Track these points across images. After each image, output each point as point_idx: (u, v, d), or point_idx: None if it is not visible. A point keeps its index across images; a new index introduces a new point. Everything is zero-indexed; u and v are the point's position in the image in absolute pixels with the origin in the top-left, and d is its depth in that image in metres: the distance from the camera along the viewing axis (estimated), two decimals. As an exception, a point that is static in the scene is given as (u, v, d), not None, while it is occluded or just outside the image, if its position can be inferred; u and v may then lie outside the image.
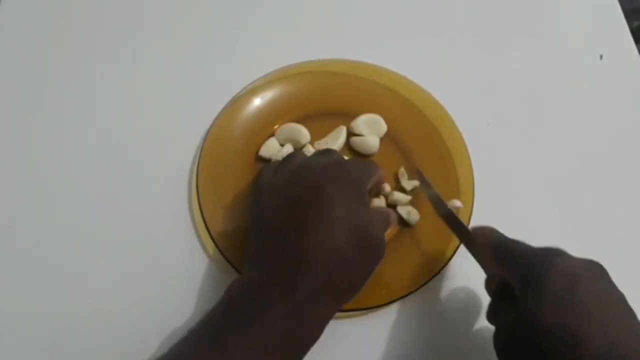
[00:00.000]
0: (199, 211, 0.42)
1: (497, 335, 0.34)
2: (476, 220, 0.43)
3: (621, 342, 0.28)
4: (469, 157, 0.46)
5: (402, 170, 0.45)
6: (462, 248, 0.40)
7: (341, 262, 0.32)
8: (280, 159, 0.43)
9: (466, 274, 0.37)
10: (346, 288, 0.33)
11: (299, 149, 0.46)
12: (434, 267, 0.41)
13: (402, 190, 0.44)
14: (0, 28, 0.52)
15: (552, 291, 0.30)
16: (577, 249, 0.33)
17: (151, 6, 0.54)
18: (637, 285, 0.31)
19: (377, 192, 0.42)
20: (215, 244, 0.41)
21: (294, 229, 0.33)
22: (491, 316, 0.36)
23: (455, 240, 0.41)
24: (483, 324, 0.40)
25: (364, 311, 0.40)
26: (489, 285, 0.37)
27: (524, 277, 0.32)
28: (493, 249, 0.36)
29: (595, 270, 0.32)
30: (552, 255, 0.33)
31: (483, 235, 0.37)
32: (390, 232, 0.43)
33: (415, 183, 0.44)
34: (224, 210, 0.42)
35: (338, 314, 0.39)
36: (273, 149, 0.45)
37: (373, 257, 0.35)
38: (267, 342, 0.30)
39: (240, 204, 0.43)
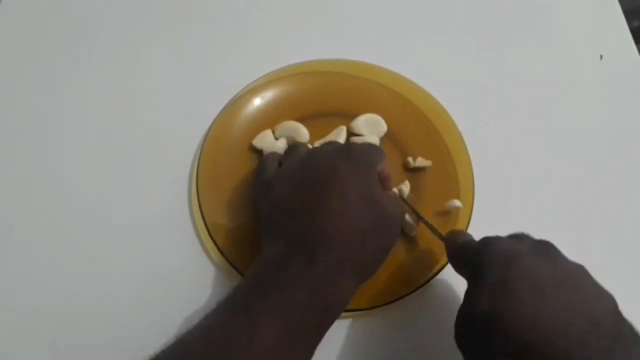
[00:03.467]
0: (199, 211, 0.42)
1: (455, 335, 0.34)
2: (476, 220, 0.43)
3: (542, 320, 0.29)
4: (469, 157, 0.46)
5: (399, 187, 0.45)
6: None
7: (359, 236, 0.33)
8: (273, 151, 0.44)
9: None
10: (367, 262, 0.34)
11: (297, 144, 0.46)
12: (433, 268, 0.41)
13: None
14: (0, 28, 0.52)
15: (488, 276, 0.31)
16: (577, 249, 0.33)
17: (151, 6, 0.54)
18: (637, 285, 0.31)
19: (386, 186, 0.40)
20: (216, 243, 0.41)
21: (311, 207, 0.33)
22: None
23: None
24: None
25: (363, 311, 0.40)
26: None
27: (471, 269, 0.34)
28: (453, 252, 0.37)
29: (536, 249, 0.32)
30: (486, 242, 0.33)
31: (449, 239, 0.38)
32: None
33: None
34: (224, 210, 0.42)
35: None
36: (267, 141, 0.45)
37: (390, 232, 0.36)
38: (293, 312, 0.30)
39: (240, 203, 0.43)
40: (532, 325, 0.29)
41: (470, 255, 0.34)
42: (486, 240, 0.34)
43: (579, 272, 0.32)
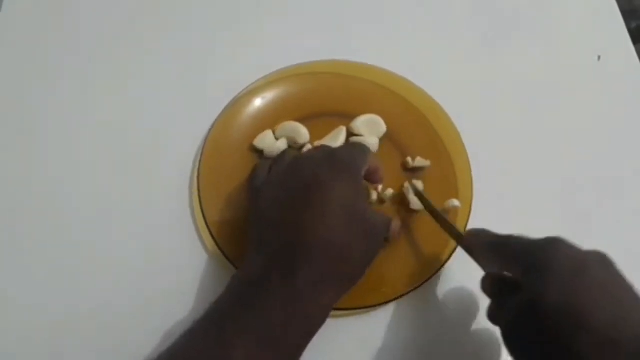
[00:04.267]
0: (200, 211, 0.42)
1: (504, 330, 0.34)
2: (475, 219, 0.43)
3: (625, 321, 0.29)
4: (467, 157, 0.46)
5: (406, 185, 0.44)
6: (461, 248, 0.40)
7: (340, 247, 0.33)
8: (273, 154, 0.44)
9: (465, 273, 0.37)
10: (346, 274, 0.34)
11: (296, 148, 0.46)
12: (433, 266, 0.41)
13: (407, 204, 0.44)
14: (1, 30, 0.52)
15: (558, 275, 0.30)
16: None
17: (152, 8, 0.54)
18: (637, 284, 0.31)
19: (375, 180, 0.41)
20: (217, 243, 0.41)
21: (292, 217, 0.33)
22: (492, 315, 0.36)
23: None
24: (481, 323, 0.40)
25: (363, 310, 0.40)
26: (485, 285, 0.37)
27: (527, 266, 0.32)
28: (490, 246, 0.36)
29: (601, 259, 0.32)
30: (556, 242, 0.33)
31: (477, 236, 0.37)
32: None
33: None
34: (225, 210, 0.43)
35: (337, 312, 0.39)
36: (267, 142, 0.45)
37: (372, 242, 0.35)
38: (269, 330, 0.30)
39: (241, 203, 0.43)
40: (615, 324, 0.29)
41: (525, 250, 0.33)
42: (553, 239, 0.33)
43: (633, 287, 0.32)
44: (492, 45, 0.55)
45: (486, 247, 0.36)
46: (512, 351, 0.33)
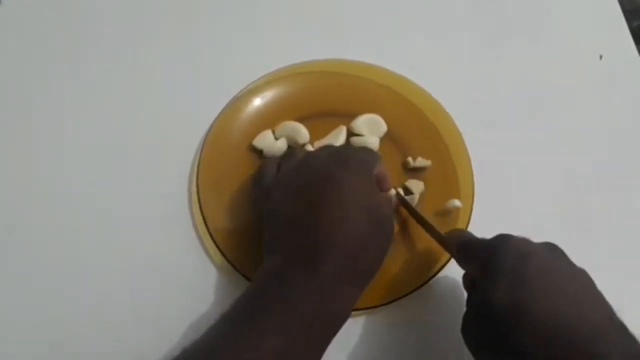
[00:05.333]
0: (199, 211, 0.42)
1: (461, 328, 0.35)
2: (476, 219, 0.43)
3: (564, 308, 0.30)
4: (468, 157, 0.46)
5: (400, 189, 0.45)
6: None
7: (358, 242, 0.33)
8: (273, 153, 0.44)
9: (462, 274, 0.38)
10: (366, 267, 0.34)
11: (297, 147, 0.46)
12: (433, 268, 0.41)
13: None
14: (0, 28, 0.52)
15: (503, 270, 0.32)
16: (577, 249, 0.33)
17: (151, 6, 0.54)
18: (637, 285, 0.31)
19: (384, 187, 0.40)
20: (216, 244, 0.41)
21: (309, 215, 0.33)
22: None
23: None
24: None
25: (362, 311, 0.40)
26: (464, 283, 0.39)
27: (481, 266, 0.34)
28: (459, 248, 0.37)
29: (548, 249, 0.33)
30: (502, 238, 0.34)
31: (452, 237, 0.39)
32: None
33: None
34: (224, 211, 0.42)
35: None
36: (267, 141, 0.45)
37: (386, 236, 0.36)
38: (296, 325, 0.30)
39: (240, 204, 0.43)
40: (554, 314, 0.29)
41: (482, 250, 0.35)
42: (501, 236, 0.34)
43: (584, 275, 0.32)
44: (493, 45, 0.55)
45: (457, 248, 0.38)
46: (469, 348, 0.34)
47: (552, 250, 0.34)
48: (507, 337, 0.30)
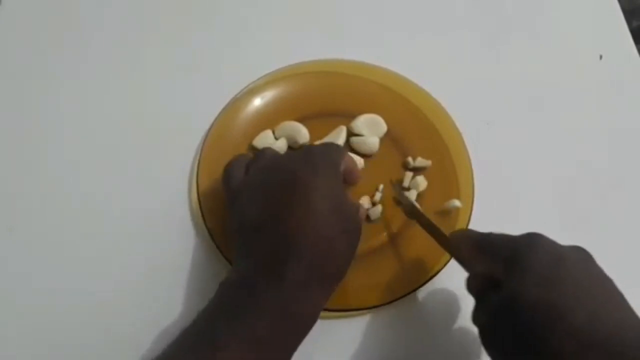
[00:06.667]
0: (199, 211, 0.42)
1: (482, 329, 0.34)
2: (476, 219, 0.43)
3: (603, 314, 0.29)
4: (468, 157, 0.46)
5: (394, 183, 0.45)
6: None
7: (325, 243, 0.32)
8: (240, 154, 0.43)
9: (463, 275, 0.37)
10: (334, 270, 0.34)
11: (296, 147, 0.46)
12: (432, 268, 0.41)
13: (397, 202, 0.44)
14: (0, 28, 0.52)
15: (536, 270, 0.30)
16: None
17: (151, 6, 0.54)
18: (637, 285, 0.31)
19: (351, 180, 0.39)
20: (215, 243, 0.41)
21: (275, 218, 0.33)
22: (475, 317, 0.36)
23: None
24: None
25: (362, 311, 0.40)
26: (470, 285, 0.37)
27: (508, 262, 0.32)
28: (475, 243, 0.36)
29: (579, 254, 0.32)
30: (534, 238, 0.33)
31: (462, 236, 0.37)
32: (391, 231, 0.43)
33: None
34: (223, 210, 0.42)
35: (336, 314, 0.39)
36: (267, 142, 0.45)
37: (354, 237, 0.35)
38: (262, 333, 0.30)
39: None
40: (593, 320, 0.28)
41: (506, 245, 0.33)
42: (532, 234, 0.33)
43: (613, 283, 0.32)
44: (493, 45, 0.55)
45: (470, 245, 0.36)
46: (489, 349, 0.33)
47: (582, 255, 0.32)
48: (538, 335, 0.29)
